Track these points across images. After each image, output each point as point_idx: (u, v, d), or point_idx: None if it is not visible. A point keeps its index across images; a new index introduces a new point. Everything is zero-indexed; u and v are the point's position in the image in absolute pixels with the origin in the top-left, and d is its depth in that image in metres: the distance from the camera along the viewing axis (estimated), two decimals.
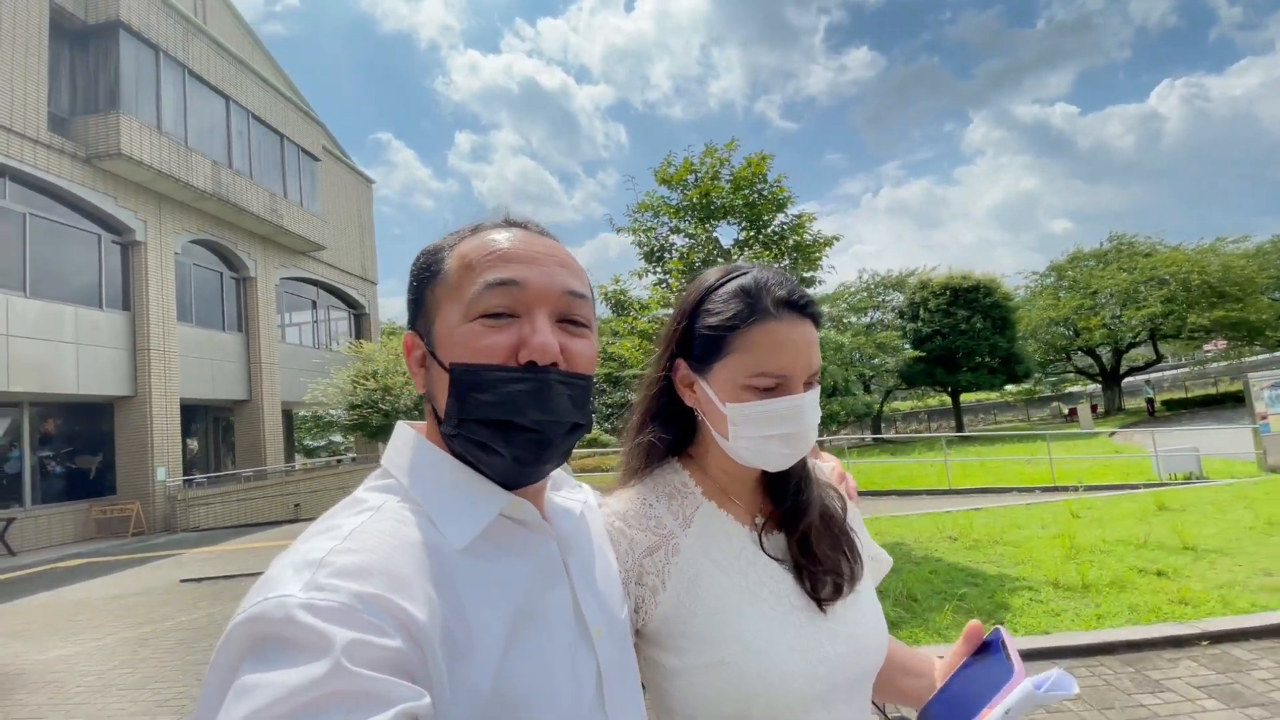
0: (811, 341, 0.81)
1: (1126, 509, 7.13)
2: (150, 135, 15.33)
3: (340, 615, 0.46)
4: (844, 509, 0.93)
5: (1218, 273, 28.99)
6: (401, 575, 0.52)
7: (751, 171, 6.54)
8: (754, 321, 0.79)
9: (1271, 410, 13.64)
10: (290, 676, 0.42)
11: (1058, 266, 36.57)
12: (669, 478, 0.89)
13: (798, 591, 0.82)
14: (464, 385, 0.61)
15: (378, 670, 0.45)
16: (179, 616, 6.86)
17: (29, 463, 14.04)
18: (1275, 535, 5.45)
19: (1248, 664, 3.39)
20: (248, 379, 19.40)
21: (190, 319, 17.51)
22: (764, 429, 0.79)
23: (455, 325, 0.63)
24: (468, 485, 0.63)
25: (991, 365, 29.82)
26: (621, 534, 0.82)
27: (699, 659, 0.76)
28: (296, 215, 20.48)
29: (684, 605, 0.79)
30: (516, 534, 0.65)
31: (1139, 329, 31.43)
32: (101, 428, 15.68)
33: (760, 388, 0.79)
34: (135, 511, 15.03)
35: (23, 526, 13.42)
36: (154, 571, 10.09)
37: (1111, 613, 4.10)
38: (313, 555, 0.51)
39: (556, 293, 0.64)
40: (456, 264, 0.65)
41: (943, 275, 31.47)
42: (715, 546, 0.83)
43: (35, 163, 13.54)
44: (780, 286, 0.82)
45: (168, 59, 16.24)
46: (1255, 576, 4.54)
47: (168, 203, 16.57)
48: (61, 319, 14.05)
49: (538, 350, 0.61)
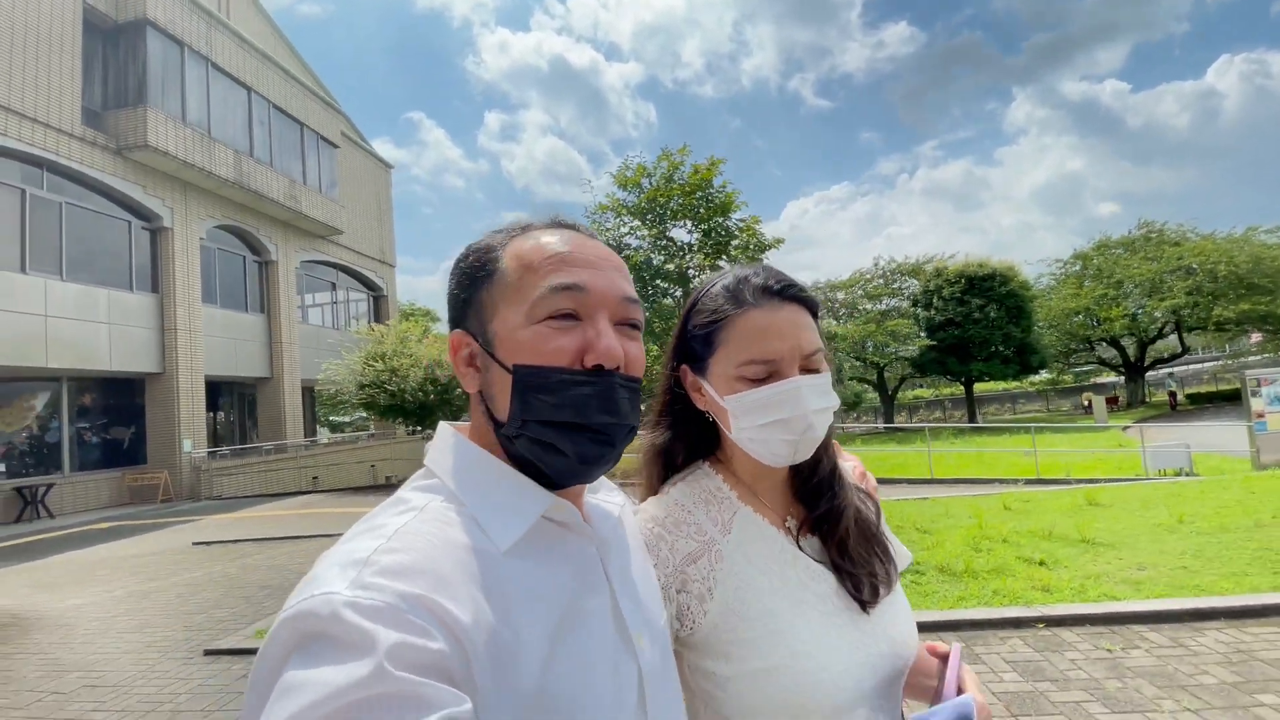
0: (799, 325, 0.82)
1: (1058, 503, 7.44)
2: (175, 127, 16.21)
3: (384, 615, 0.47)
4: (877, 511, 0.93)
5: (1247, 263, 28.14)
6: (445, 576, 0.53)
7: (700, 178, 6.94)
8: (735, 313, 0.82)
9: (1270, 409, 13.59)
10: (335, 675, 0.43)
11: (1083, 254, 35.76)
12: (703, 482, 0.89)
13: (839, 592, 0.82)
14: (530, 387, 0.61)
15: (420, 673, 0.45)
16: (184, 574, 7.67)
17: (67, 433, 15.22)
18: (1175, 533, 5.75)
19: (1067, 646, 3.80)
20: (269, 358, 20.45)
21: (215, 300, 18.53)
22: (762, 417, 0.79)
23: (518, 327, 0.63)
24: (511, 486, 0.64)
25: (1005, 355, 29.54)
26: (661, 539, 0.82)
27: (750, 665, 0.77)
28: (315, 201, 21.34)
29: (734, 612, 0.79)
30: (558, 536, 0.65)
31: (1163, 320, 30.74)
32: (134, 402, 16.83)
33: (751, 377, 0.80)
34: (163, 480, 16.18)
35: (61, 492, 14.63)
36: (172, 535, 11.04)
37: (974, 596, 4.52)
38: (358, 554, 0.51)
39: (617, 298, 0.65)
40: (514, 264, 0.65)
41: (959, 263, 31.11)
42: (756, 551, 0.83)
43: (70, 155, 14.50)
44: (758, 276, 0.84)
45: (192, 53, 17.06)
46: (1128, 570, 4.90)
47: (193, 190, 17.50)
48: (95, 301, 15.10)
49: (604, 354, 0.62)
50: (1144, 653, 3.63)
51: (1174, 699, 3.10)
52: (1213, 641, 3.70)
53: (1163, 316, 30.35)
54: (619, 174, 7.54)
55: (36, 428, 14.85)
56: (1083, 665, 3.53)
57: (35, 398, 14.83)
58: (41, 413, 14.96)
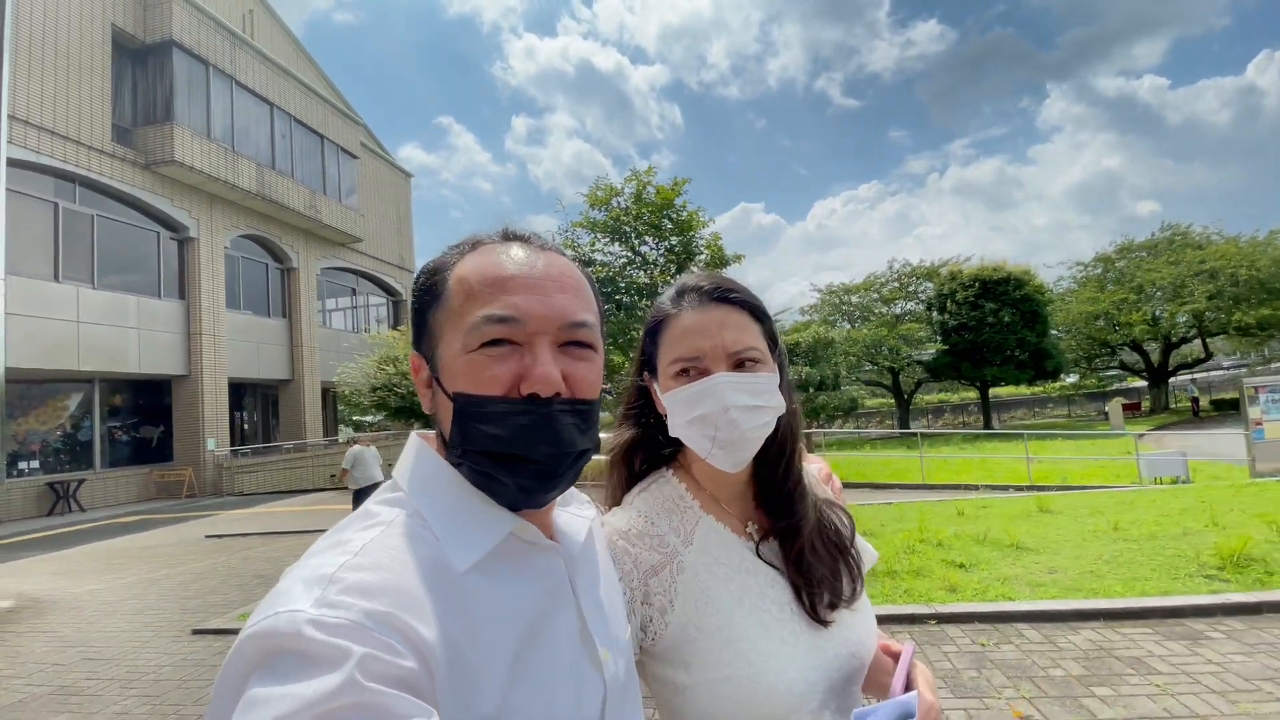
0: (726, 324, 0.83)
1: (1011, 509, 7.65)
2: (201, 142, 17.13)
3: (350, 632, 0.46)
4: (851, 528, 0.93)
5: (1269, 267, 27.51)
6: (411, 594, 0.52)
7: (663, 198, 7.37)
8: (667, 317, 0.86)
9: (1268, 417, 13.53)
10: (304, 690, 0.42)
11: (1105, 258, 35.22)
12: (666, 490, 0.90)
13: (797, 600, 0.83)
14: (467, 416, 0.61)
15: (389, 686, 0.45)
16: (191, 564, 8.33)
17: (98, 432, 16.21)
18: (1102, 540, 5.98)
19: (947, 640, 4.13)
20: (290, 360, 21.37)
21: (238, 306, 19.47)
22: (687, 412, 0.81)
23: (457, 354, 0.62)
24: (476, 506, 0.63)
25: (1020, 359, 29.26)
26: (625, 553, 0.83)
27: (707, 675, 0.78)
28: (335, 210, 22.22)
29: (693, 623, 0.80)
30: (524, 553, 0.65)
31: (1185, 326, 30.16)
32: (161, 402, 17.81)
33: (679, 373, 0.83)
34: (188, 477, 17.10)
35: (92, 486, 15.60)
36: (189, 528, 11.80)
37: (885, 594, 4.86)
38: (323, 570, 0.51)
39: (558, 323, 0.63)
40: (457, 288, 0.64)
41: (974, 266, 30.90)
42: (717, 561, 0.84)
43: (101, 170, 15.47)
44: (693, 279, 0.88)
45: (216, 72, 17.99)
46: (1040, 573, 5.17)
47: (218, 202, 18.44)
48: (125, 307, 16.06)
49: (539, 382, 0.60)
50: (1014, 648, 3.95)
51: (1016, 688, 3.43)
52: (1082, 640, 4.00)
53: (1184, 321, 29.75)
54: (590, 193, 8.02)
55: (70, 427, 15.85)
56: (952, 657, 3.87)
57: (68, 398, 15.83)
58: (74, 413, 15.96)
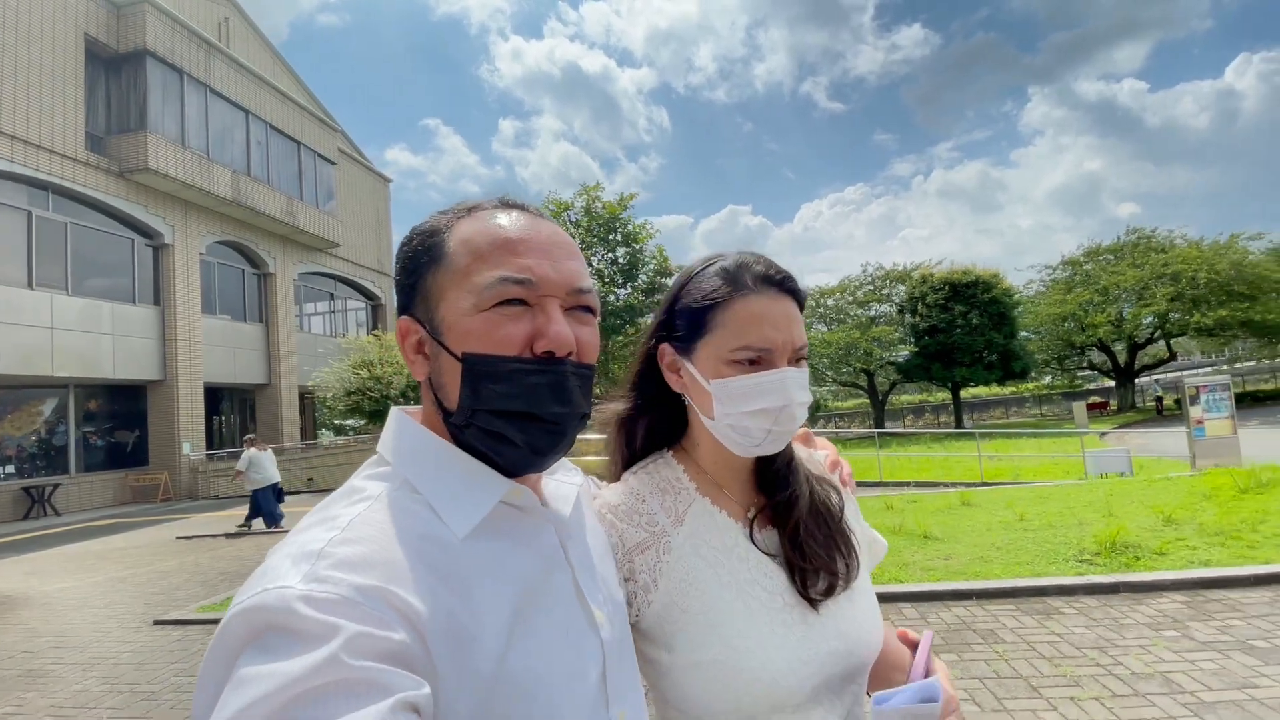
0: (793, 318, 0.82)
1: (936, 503, 8.18)
2: (175, 150, 17.36)
3: (340, 607, 0.46)
4: (841, 504, 0.92)
5: (1227, 270, 28.48)
6: (401, 565, 0.53)
7: (610, 213, 7.80)
8: (734, 296, 0.81)
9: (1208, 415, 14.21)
10: (290, 666, 0.43)
11: (1073, 260, 36.18)
12: (663, 472, 0.89)
13: (790, 588, 0.81)
14: (479, 376, 0.61)
15: (378, 661, 0.45)
16: (158, 564, 8.65)
17: (73, 437, 16.40)
18: (1004, 530, 6.47)
19: None
20: (267, 365, 21.58)
21: (214, 311, 19.68)
22: (747, 404, 0.79)
23: (466, 314, 0.62)
24: (468, 473, 0.63)
25: (989, 360, 30.06)
26: (612, 527, 0.84)
27: (690, 657, 0.77)
28: (312, 216, 22.46)
29: (676, 604, 0.79)
30: (515, 520, 0.65)
31: (1147, 327, 31.11)
32: (136, 407, 17.99)
33: (743, 361, 0.80)
34: (164, 481, 17.30)
35: (67, 491, 15.78)
36: (161, 530, 12.08)
37: None
38: (311, 546, 0.51)
39: (567, 286, 0.64)
40: (462, 249, 0.63)
41: (945, 270, 31.67)
42: (707, 544, 0.83)
43: (75, 178, 15.68)
44: (759, 264, 0.83)
45: (191, 80, 18.22)
46: (936, 559, 5.66)
47: (193, 209, 18.66)
48: (100, 313, 16.26)
49: (555, 340, 0.61)
50: (888, 623, 4.41)
51: None
52: (951, 615, 4.49)
53: (1149, 322, 30.71)
54: (542, 208, 8.43)
55: (45, 432, 16.03)
56: None
57: (43, 404, 16.00)
58: (49, 418, 16.13)
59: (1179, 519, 6.21)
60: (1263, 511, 6.21)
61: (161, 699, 4.13)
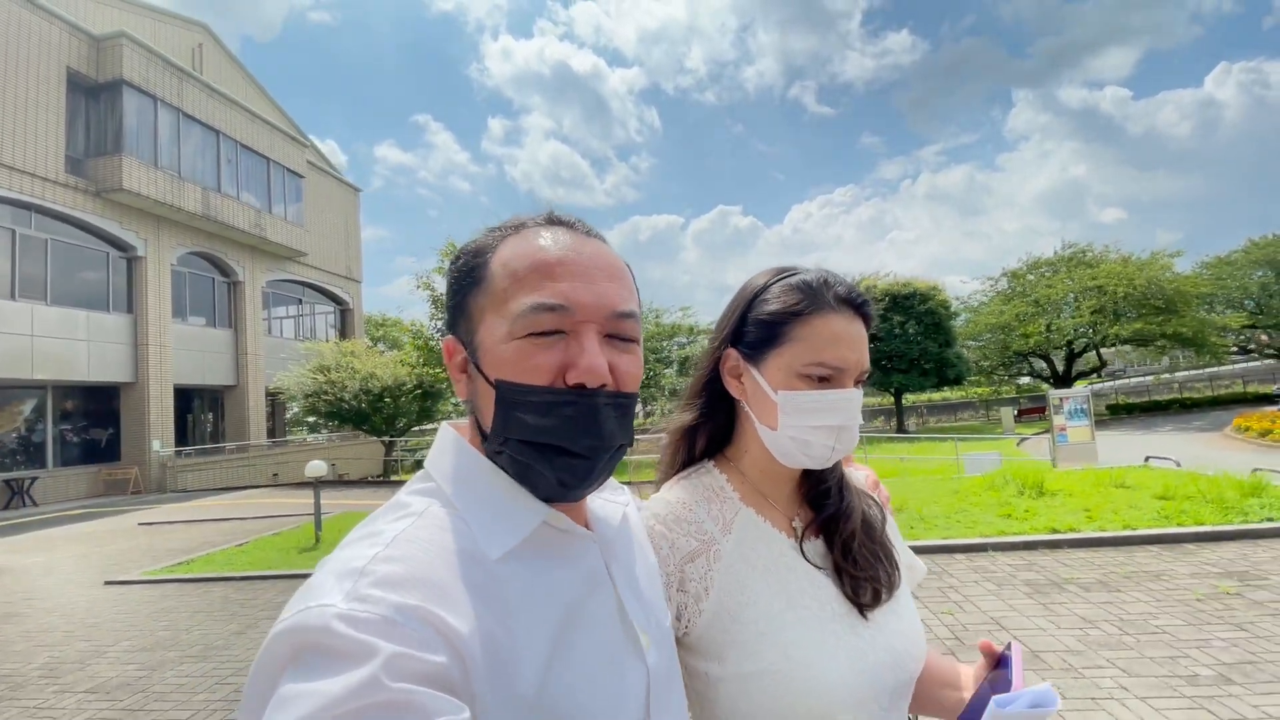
0: (864, 340, 0.84)
1: None
2: (148, 171, 18.86)
3: (380, 628, 0.46)
4: (882, 518, 0.94)
5: (1144, 287, 30.54)
6: (443, 585, 0.53)
7: None
8: (814, 312, 0.82)
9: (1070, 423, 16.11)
10: (330, 686, 0.43)
11: (1014, 272, 38.20)
12: (706, 480, 0.90)
13: (839, 598, 0.83)
14: (510, 404, 0.60)
15: (419, 683, 0.45)
16: (118, 544, 10.24)
17: (50, 434, 17.88)
18: None
19: None
20: (235, 367, 23.09)
21: (185, 317, 21.18)
22: (814, 419, 0.80)
23: (500, 340, 0.61)
24: (509, 495, 0.63)
25: (924, 368, 31.99)
26: (663, 537, 0.83)
27: (742, 667, 0.77)
28: (280, 227, 23.98)
29: (727, 613, 0.79)
30: (558, 541, 0.65)
31: (1073, 337, 33.21)
32: (110, 407, 19.47)
33: (814, 377, 0.81)
34: (134, 475, 18.81)
35: (45, 484, 17.28)
36: (127, 518, 13.64)
37: None
38: (355, 563, 0.51)
39: (606, 313, 0.62)
40: (501, 272, 0.63)
41: (887, 282, 33.58)
42: (755, 553, 0.83)
43: (55, 199, 17.16)
44: (840, 284, 0.85)
45: (164, 105, 19.71)
46: None
47: (165, 223, 20.16)
48: (76, 321, 17.76)
49: (586, 373, 0.60)
50: None
51: None
52: None
53: (1071, 333, 32.79)
54: (445, 250, 9.30)
55: (24, 429, 17.51)
56: None
57: (23, 403, 17.49)
58: (28, 416, 17.61)
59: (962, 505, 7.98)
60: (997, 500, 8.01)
61: (104, 627, 5.78)
